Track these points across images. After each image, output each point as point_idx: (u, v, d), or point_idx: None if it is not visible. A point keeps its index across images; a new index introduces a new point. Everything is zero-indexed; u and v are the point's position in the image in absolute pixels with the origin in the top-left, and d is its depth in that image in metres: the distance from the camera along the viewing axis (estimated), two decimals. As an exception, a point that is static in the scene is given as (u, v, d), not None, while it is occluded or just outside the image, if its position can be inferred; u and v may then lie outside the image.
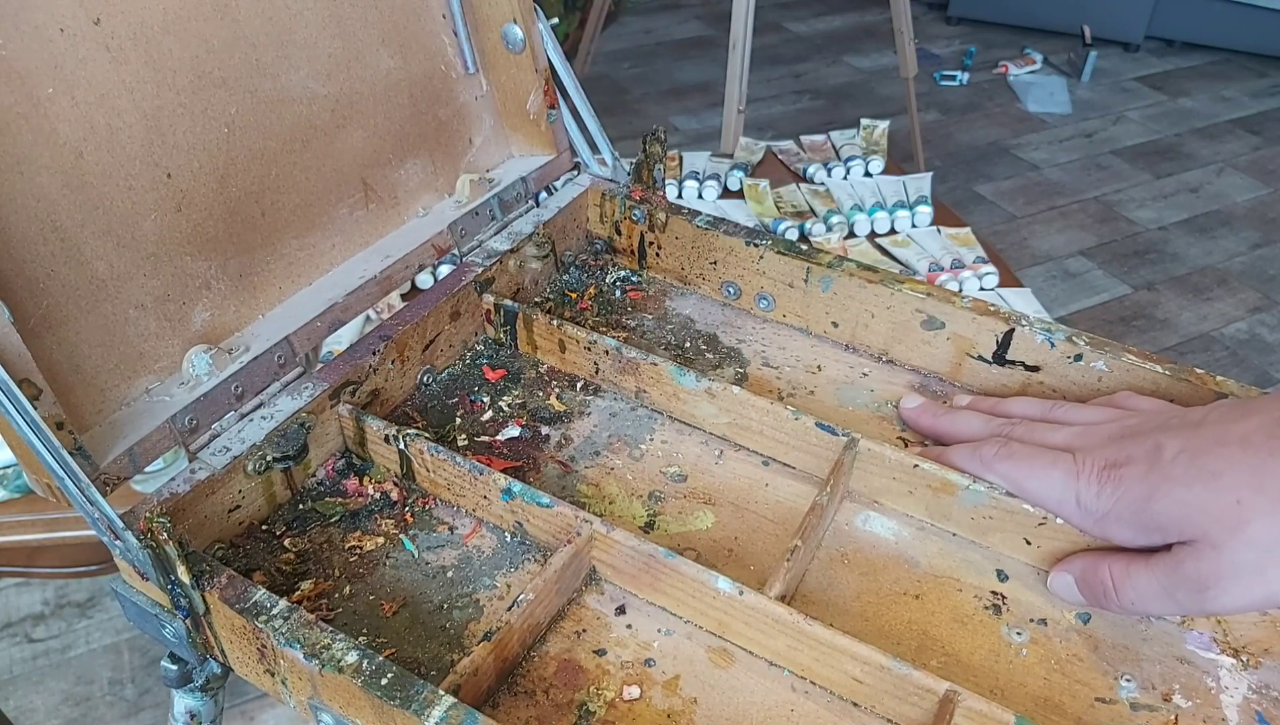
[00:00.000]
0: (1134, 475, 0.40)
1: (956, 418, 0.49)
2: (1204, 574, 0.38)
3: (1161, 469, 0.39)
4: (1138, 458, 0.40)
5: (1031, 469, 0.43)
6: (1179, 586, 0.39)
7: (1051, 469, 0.43)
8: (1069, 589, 0.43)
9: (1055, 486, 0.42)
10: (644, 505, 0.48)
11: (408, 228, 0.56)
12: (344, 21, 0.50)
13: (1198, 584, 0.38)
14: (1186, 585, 0.39)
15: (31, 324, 0.39)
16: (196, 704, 0.47)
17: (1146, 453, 0.40)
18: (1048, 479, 0.43)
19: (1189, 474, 0.38)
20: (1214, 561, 0.38)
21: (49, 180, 0.39)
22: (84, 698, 1.30)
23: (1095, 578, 0.42)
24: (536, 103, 0.59)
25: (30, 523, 0.91)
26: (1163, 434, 0.41)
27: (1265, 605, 0.38)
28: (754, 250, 0.57)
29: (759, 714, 0.39)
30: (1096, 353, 0.50)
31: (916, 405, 0.51)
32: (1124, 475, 0.40)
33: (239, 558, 0.44)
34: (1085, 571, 0.42)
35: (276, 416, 0.46)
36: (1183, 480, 0.39)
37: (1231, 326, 2.02)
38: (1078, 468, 0.42)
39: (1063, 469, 0.42)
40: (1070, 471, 0.42)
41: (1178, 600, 0.39)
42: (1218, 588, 0.38)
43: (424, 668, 0.40)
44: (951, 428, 0.49)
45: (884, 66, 3.05)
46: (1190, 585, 0.38)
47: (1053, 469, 0.43)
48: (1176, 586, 0.39)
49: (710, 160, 1.48)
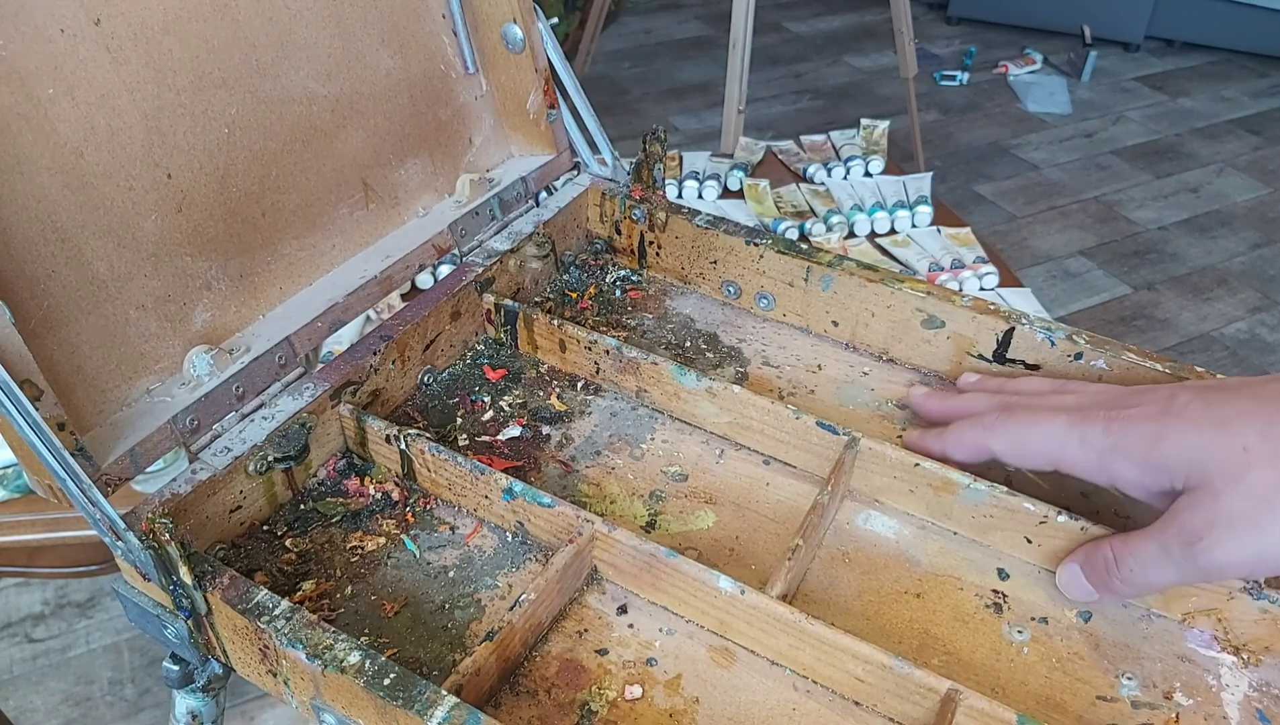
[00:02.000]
0: (1143, 415, 0.39)
1: (963, 398, 0.49)
2: (1198, 524, 0.37)
3: (1174, 412, 0.39)
4: (1148, 402, 0.40)
5: (1033, 423, 0.43)
6: (1174, 542, 0.38)
7: (1053, 418, 0.42)
8: (1075, 580, 0.43)
9: (1057, 432, 0.42)
10: (645, 505, 0.48)
11: (408, 228, 0.56)
12: (344, 21, 0.50)
13: (1191, 535, 0.37)
14: (1180, 538, 0.38)
15: (33, 325, 0.39)
16: (198, 704, 0.47)
17: (1158, 398, 0.40)
18: (1049, 428, 0.42)
19: (1200, 418, 0.38)
20: (1210, 509, 0.37)
21: (49, 181, 0.39)
22: (84, 698, 1.30)
23: (1097, 556, 0.41)
24: (536, 102, 0.59)
25: (30, 523, 0.91)
26: (1177, 388, 0.40)
27: (1256, 564, 0.37)
28: (754, 250, 0.57)
29: (761, 713, 0.39)
30: (1096, 351, 0.50)
31: (924, 393, 0.51)
32: (1132, 415, 0.40)
33: (240, 558, 0.44)
34: (1087, 554, 0.42)
35: (277, 417, 0.46)
36: (1193, 423, 0.38)
37: (1231, 326, 2.03)
38: (1081, 415, 0.41)
39: (1066, 417, 0.42)
40: (1074, 419, 0.41)
41: (1173, 558, 0.38)
42: (1211, 537, 0.37)
43: (426, 668, 0.40)
44: (958, 407, 0.49)
45: (884, 66, 3.05)
46: (1185, 537, 0.38)
47: (1054, 418, 0.42)
48: (1171, 542, 0.38)
49: (710, 160, 1.48)
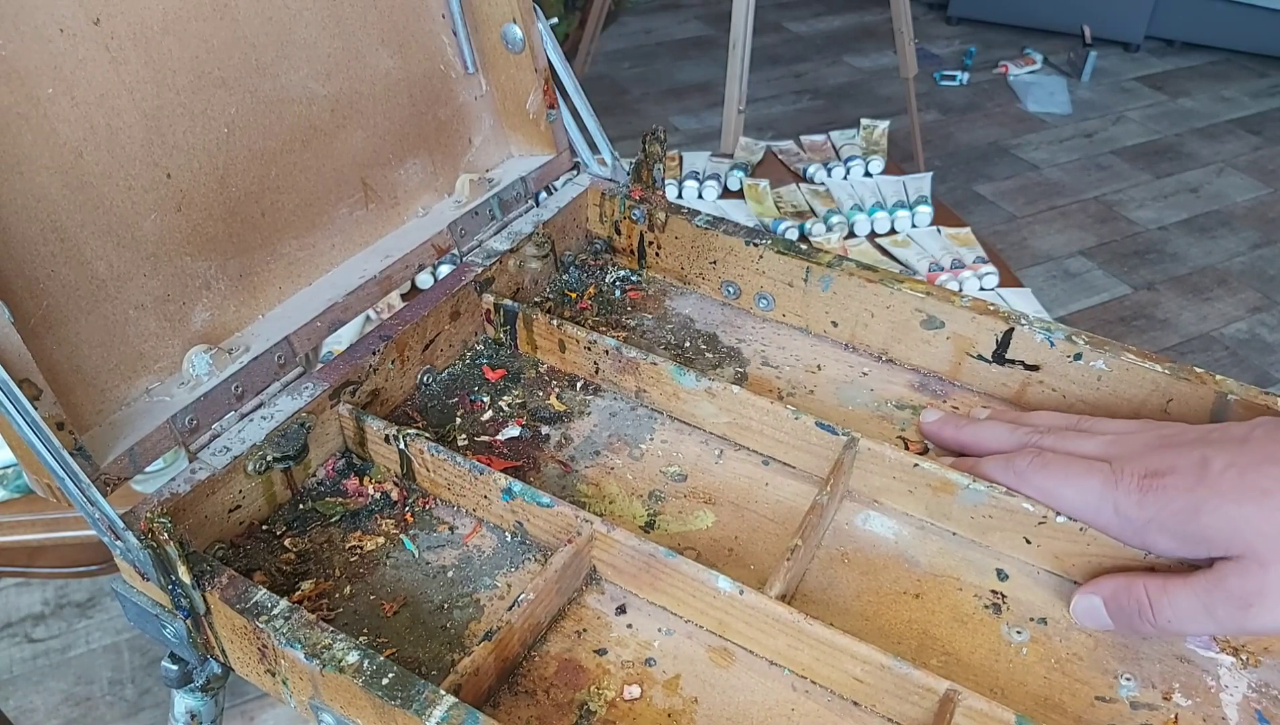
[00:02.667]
0: (1179, 485, 0.39)
1: (980, 429, 0.48)
2: (1249, 591, 0.37)
3: (1209, 482, 0.39)
4: (1182, 468, 0.40)
5: (1067, 477, 0.42)
6: (1220, 604, 0.38)
7: (1088, 477, 0.42)
8: (1094, 613, 0.42)
9: (1093, 495, 0.42)
10: (644, 505, 0.48)
11: (407, 228, 0.56)
12: (344, 21, 0.50)
13: (1241, 601, 0.38)
14: (1229, 602, 0.38)
15: (32, 324, 0.39)
16: (197, 704, 0.47)
17: (1192, 464, 0.39)
18: (1084, 487, 0.42)
19: (1238, 490, 0.38)
20: (1260, 579, 0.37)
21: (49, 180, 0.39)
22: (84, 698, 1.30)
23: (1129, 597, 0.41)
24: (536, 102, 0.59)
25: (30, 523, 0.91)
26: (1207, 447, 0.40)
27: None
28: (754, 250, 0.57)
29: (759, 713, 0.39)
30: (1096, 352, 0.50)
31: (936, 418, 0.50)
32: (1167, 485, 0.40)
33: (239, 558, 0.44)
34: (1117, 592, 0.41)
35: (277, 416, 0.46)
36: (1232, 496, 0.38)
37: (1231, 326, 2.03)
38: (1116, 476, 0.41)
39: (1100, 477, 0.41)
40: (1109, 479, 0.41)
41: (1217, 618, 0.38)
42: (1261, 605, 0.37)
43: (425, 667, 0.40)
44: (976, 439, 0.48)
45: (884, 66, 3.05)
46: (1233, 602, 0.38)
47: (1089, 477, 0.42)
48: (1218, 604, 0.38)
49: (710, 160, 1.48)
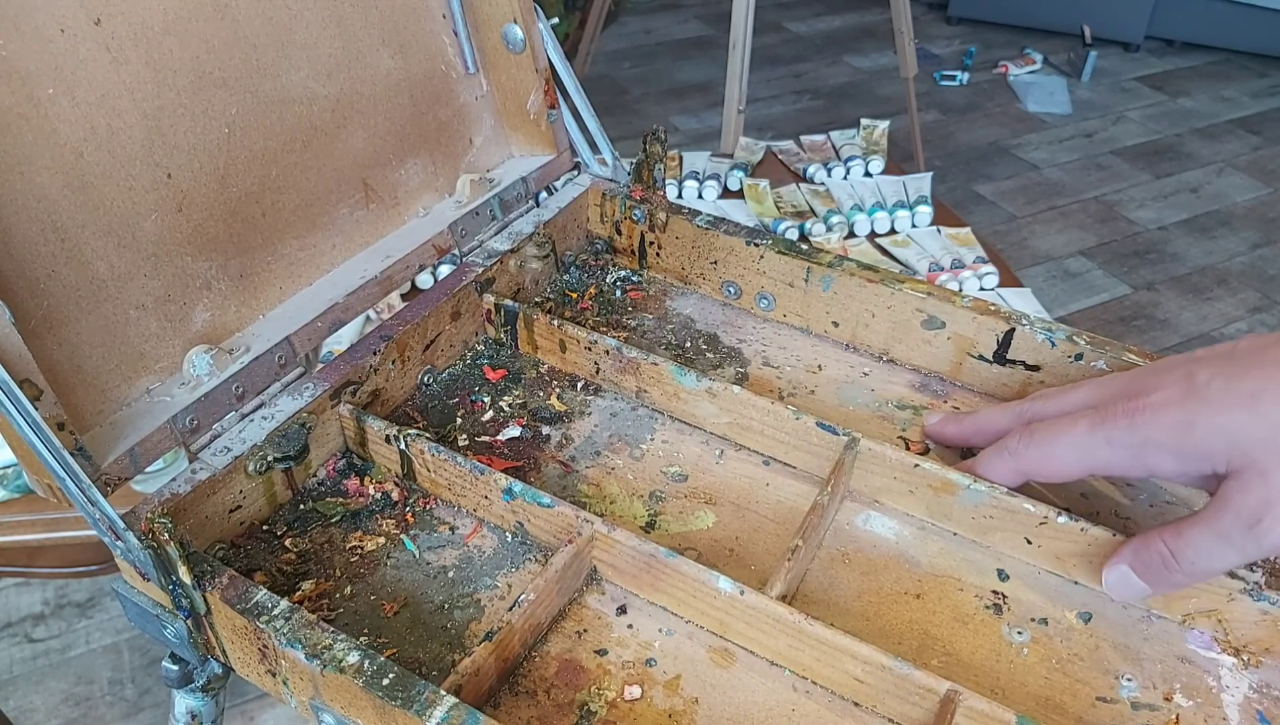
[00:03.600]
0: (1167, 402, 0.38)
1: (978, 417, 0.48)
2: (1254, 505, 0.36)
3: (1197, 395, 0.38)
4: (1167, 385, 0.39)
5: (1056, 436, 0.42)
6: (1232, 527, 0.37)
7: (1074, 426, 0.41)
8: (1126, 579, 0.41)
9: (1084, 440, 0.41)
10: (645, 505, 0.48)
11: (408, 228, 0.56)
12: (344, 21, 0.50)
13: (1250, 518, 0.36)
14: (1239, 523, 0.37)
15: (32, 324, 0.39)
16: (197, 704, 0.47)
17: (1177, 381, 0.38)
18: (1074, 437, 0.41)
19: (1227, 399, 0.37)
20: (1263, 488, 0.36)
21: (50, 181, 0.39)
22: (84, 698, 1.30)
23: (1149, 552, 0.40)
24: (536, 103, 0.59)
25: (30, 523, 0.91)
26: (1191, 364, 0.39)
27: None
28: (754, 250, 0.57)
29: (760, 714, 0.39)
30: (1097, 352, 0.50)
31: (938, 419, 0.50)
32: (1154, 403, 0.39)
33: (240, 558, 0.44)
34: (1138, 553, 0.40)
35: (277, 417, 0.46)
36: (1222, 406, 0.37)
37: (1231, 326, 2.03)
38: (1101, 414, 0.40)
39: (1086, 421, 0.41)
40: (1095, 420, 0.40)
41: (1234, 543, 0.37)
42: (1271, 517, 0.36)
43: (425, 668, 0.40)
44: (976, 427, 0.48)
45: (884, 66, 3.05)
46: (1243, 521, 0.37)
47: (1076, 426, 0.41)
48: (1230, 528, 0.37)
49: (710, 160, 1.48)
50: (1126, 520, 0.48)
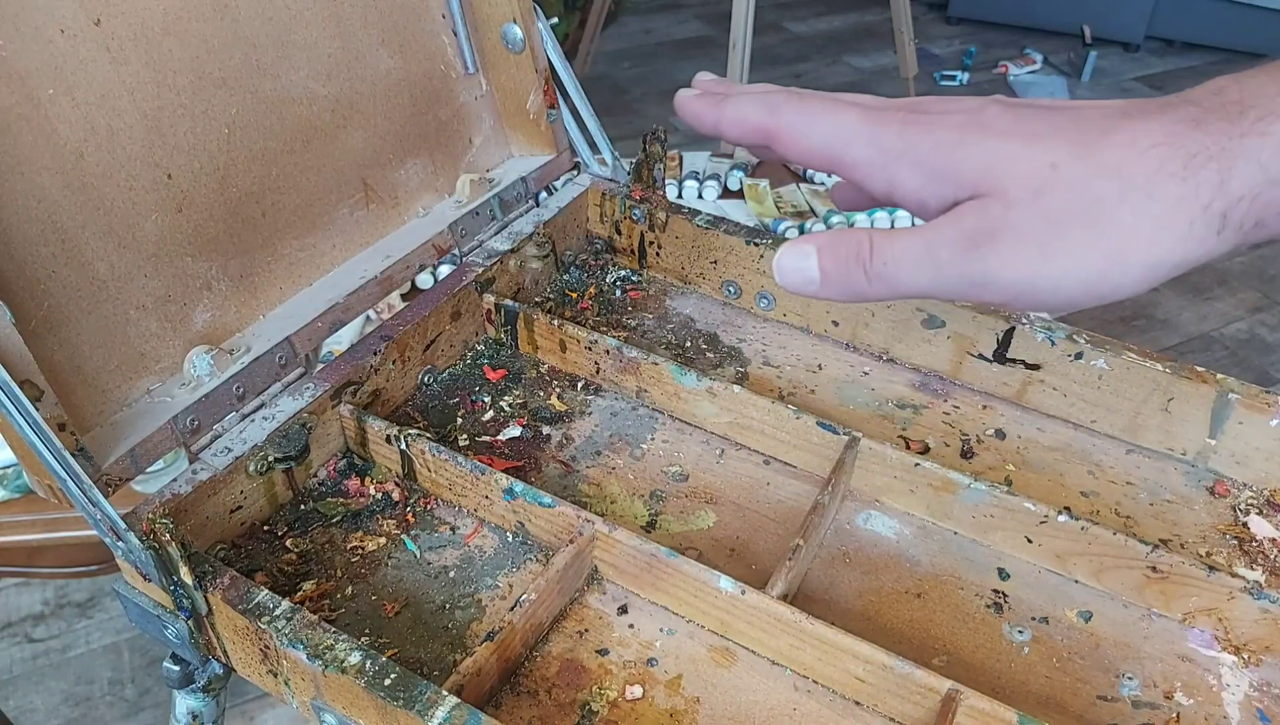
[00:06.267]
0: (947, 124, 0.35)
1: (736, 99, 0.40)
2: (980, 230, 0.33)
3: (980, 122, 0.34)
4: (955, 110, 0.35)
5: (824, 110, 0.37)
6: (947, 242, 0.33)
7: (847, 110, 0.36)
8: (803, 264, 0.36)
9: (848, 124, 0.36)
10: (645, 505, 0.48)
11: (408, 228, 0.56)
12: (344, 22, 0.50)
13: (969, 240, 0.33)
14: (956, 240, 0.33)
15: (33, 325, 0.39)
16: (198, 704, 0.47)
17: (966, 108, 0.35)
18: (840, 118, 0.36)
19: (1009, 129, 0.33)
20: (999, 218, 0.32)
21: (50, 181, 0.39)
22: (84, 698, 1.30)
23: (848, 239, 0.35)
24: (536, 102, 0.59)
25: (30, 523, 0.91)
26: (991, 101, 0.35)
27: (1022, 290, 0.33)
28: (754, 249, 0.57)
29: (761, 713, 0.39)
30: (1097, 351, 0.50)
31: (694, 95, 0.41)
32: (934, 121, 0.35)
33: (241, 558, 0.44)
34: (836, 236, 0.36)
35: (278, 417, 0.45)
36: (999, 134, 0.33)
37: (1231, 326, 2.03)
38: (878, 114, 0.36)
39: (859, 110, 0.36)
40: (867, 115, 0.36)
41: (938, 260, 0.34)
42: (990, 246, 0.33)
43: (427, 668, 0.40)
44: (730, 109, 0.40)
45: (884, 66, 3.05)
46: (961, 240, 0.33)
47: (848, 110, 0.36)
48: (944, 243, 0.33)
49: (710, 160, 1.48)
50: (1127, 518, 0.48)
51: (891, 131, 0.35)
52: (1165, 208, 0.31)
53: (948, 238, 0.33)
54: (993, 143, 0.33)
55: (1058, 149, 0.32)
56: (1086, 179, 0.32)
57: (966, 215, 0.33)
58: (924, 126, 0.35)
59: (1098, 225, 0.31)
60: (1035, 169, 0.32)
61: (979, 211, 0.33)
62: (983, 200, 0.33)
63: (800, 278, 0.37)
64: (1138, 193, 0.31)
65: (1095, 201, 0.31)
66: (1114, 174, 0.31)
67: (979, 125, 0.34)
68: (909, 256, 0.34)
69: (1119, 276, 0.32)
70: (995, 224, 0.33)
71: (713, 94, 0.41)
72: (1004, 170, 0.33)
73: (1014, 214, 0.32)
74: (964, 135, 0.34)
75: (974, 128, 0.34)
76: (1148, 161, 0.31)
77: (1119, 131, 0.32)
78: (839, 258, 0.36)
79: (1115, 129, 0.32)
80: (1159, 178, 0.31)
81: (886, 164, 0.35)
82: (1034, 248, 0.32)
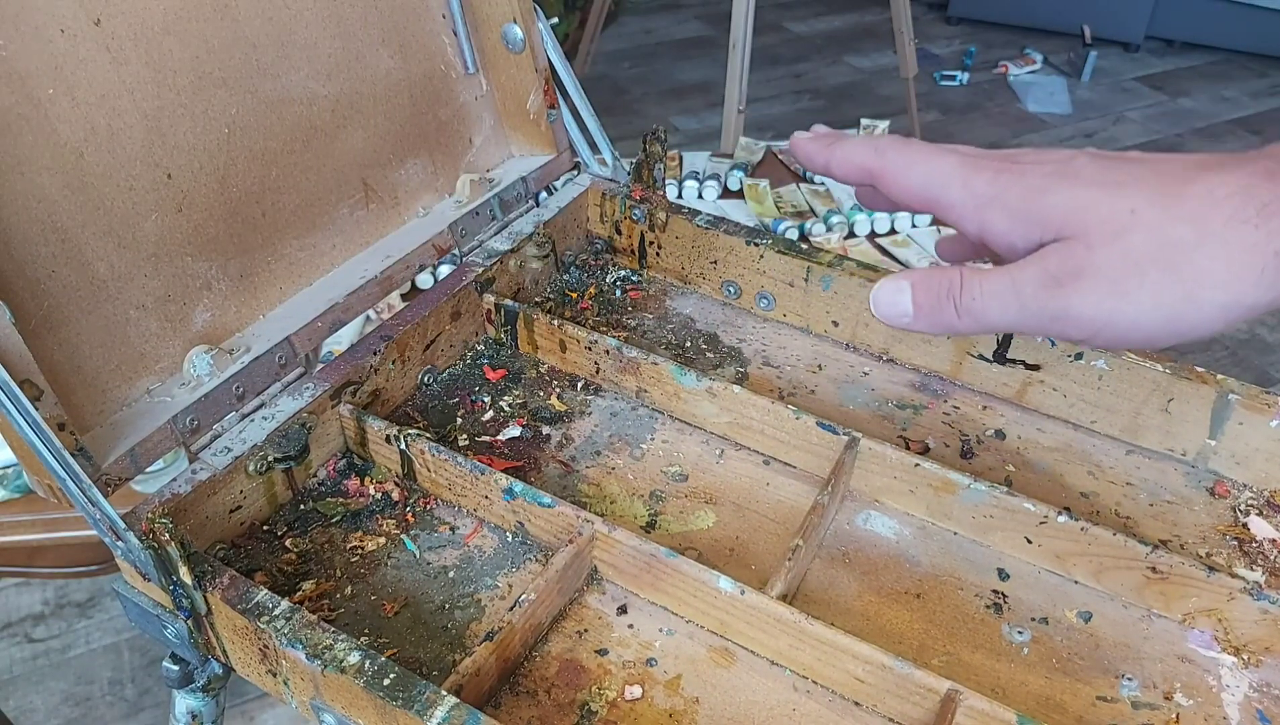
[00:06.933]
0: (1037, 172, 0.37)
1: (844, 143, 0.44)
2: (1065, 270, 0.35)
3: (1069, 172, 0.37)
4: (1047, 161, 0.38)
5: (923, 155, 0.40)
6: (1030, 281, 0.36)
7: (947, 155, 0.39)
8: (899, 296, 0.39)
9: (945, 171, 0.39)
10: (645, 505, 0.48)
11: (408, 228, 0.56)
12: (344, 22, 0.50)
13: (1054, 279, 0.35)
14: (1041, 278, 0.35)
15: (33, 325, 0.39)
16: (198, 704, 0.47)
17: (1056, 159, 0.38)
18: (940, 164, 0.39)
19: (1094, 178, 0.36)
20: (1083, 258, 0.35)
21: (50, 181, 0.39)
22: (84, 698, 1.30)
23: (941, 276, 0.38)
24: (536, 102, 0.59)
25: (30, 523, 0.91)
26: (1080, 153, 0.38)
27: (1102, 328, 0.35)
28: (754, 250, 0.57)
29: (761, 713, 0.39)
30: (1096, 352, 0.50)
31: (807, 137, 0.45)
32: (1026, 169, 0.37)
33: (240, 558, 0.44)
34: (930, 273, 0.39)
35: (277, 417, 0.45)
36: (1085, 181, 0.36)
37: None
38: (975, 161, 0.39)
39: (958, 157, 0.39)
40: (968, 160, 0.39)
41: (1024, 297, 0.36)
42: (1073, 286, 0.35)
43: (426, 668, 0.40)
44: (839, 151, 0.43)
45: (884, 66, 3.05)
46: (1046, 279, 0.35)
47: (947, 156, 0.39)
48: (1029, 281, 0.36)
49: (710, 160, 1.48)
50: (1127, 519, 0.48)
51: (985, 178, 0.38)
52: (1239, 253, 0.33)
53: (1033, 276, 0.36)
54: (1078, 190, 0.36)
55: (1139, 196, 0.34)
56: (1165, 224, 0.34)
57: (1051, 255, 0.36)
58: (1015, 174, 0.37)
59: (1175, 268, 0.33)
60: (1116, 213, 0.34)
61: (1063, 252, 0.35)
62: (1067, 242, 0.35)
63: (895, 311, 0.39)
64: (1213, 239, 0.33)
65: (1173, 246, 0.33)
66: (1191, 221, 0.33)
67: (1066, 174, 0.37)
68: (996, 292, 0.37)
69: (1194, 316, 0.34)
70: (1078, 264, 0.35)
71: (824, 137, 0.44)
72: (1087, 215, 0.35)
73: (1096, 255, 0.34)
74: (1052, 182, 0.36)
75: (1061, 176, 0.36)
76: (1223, 210, 0.33)
77: (1197, 182, 0.34)
78: (931, 293, 0.38)
79: (1194, 179, 0.34)
80: (1233, 225, 0.33)
81: (979, 207, 0.38)
82: (1114, 287, 0.34)
